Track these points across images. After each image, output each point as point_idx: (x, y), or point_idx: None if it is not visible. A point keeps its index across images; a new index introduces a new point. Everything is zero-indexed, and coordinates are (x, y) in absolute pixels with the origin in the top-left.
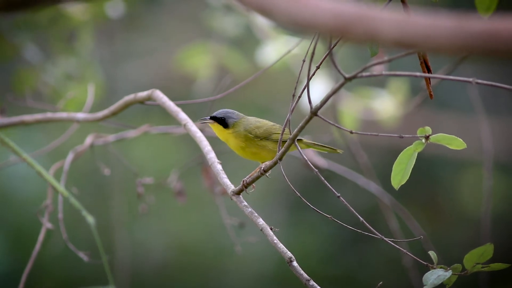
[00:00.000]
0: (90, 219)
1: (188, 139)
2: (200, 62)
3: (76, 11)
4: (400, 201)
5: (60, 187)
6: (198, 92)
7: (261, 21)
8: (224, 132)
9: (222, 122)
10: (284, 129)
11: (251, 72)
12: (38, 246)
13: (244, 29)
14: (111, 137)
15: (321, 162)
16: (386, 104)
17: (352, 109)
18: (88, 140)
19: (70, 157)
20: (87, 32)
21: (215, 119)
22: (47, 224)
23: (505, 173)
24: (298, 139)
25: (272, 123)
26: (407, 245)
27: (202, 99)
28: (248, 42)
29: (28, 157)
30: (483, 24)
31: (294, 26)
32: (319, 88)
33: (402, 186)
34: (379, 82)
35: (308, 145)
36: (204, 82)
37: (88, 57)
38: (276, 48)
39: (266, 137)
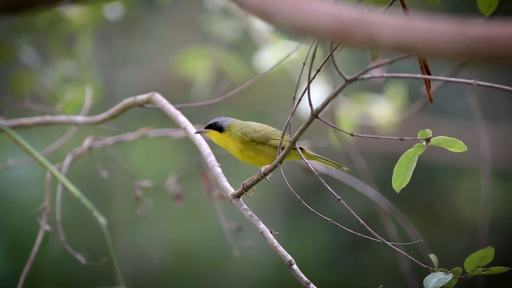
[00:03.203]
0: (102, 220)
1: (186, 143)
2: (198, 65)
3: (74, 14)
4: (397, 208)
5: (72, 187)
6: (196, 96)
7: (259, 26)
8: (221, 136)
9: (216, 127)
10: (284, 132)
11: (248, 76)
12: (36, 248)
13: (242, 34)
14: (109, 140)
15: (319, 166)
16: (384, 110)
17: (350, 114)
18: (87, 142)
19: (68, 159)
20: (86, 35)
21: (209, 127)
22: (45, 226)
23: (503, 180)
24: (301, 149)
25: (273, 129)
26: (405, 251)
27: (200, 102)
28: (246, 46)
29: (40, 156)
30: (482, 29)
31: (294, 30)
32: (317, 92)
33: (400, 192)
34: (377, 87)
35: (311, 157)
36: (201, 86)
37: (86, 60)
38: (274, 53)
39: (263, 142)
